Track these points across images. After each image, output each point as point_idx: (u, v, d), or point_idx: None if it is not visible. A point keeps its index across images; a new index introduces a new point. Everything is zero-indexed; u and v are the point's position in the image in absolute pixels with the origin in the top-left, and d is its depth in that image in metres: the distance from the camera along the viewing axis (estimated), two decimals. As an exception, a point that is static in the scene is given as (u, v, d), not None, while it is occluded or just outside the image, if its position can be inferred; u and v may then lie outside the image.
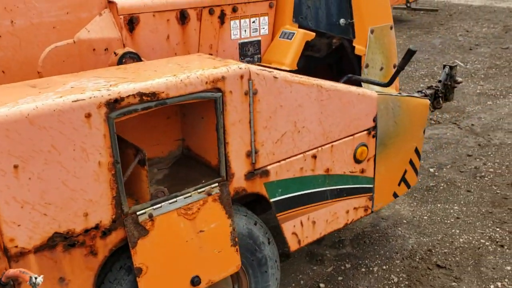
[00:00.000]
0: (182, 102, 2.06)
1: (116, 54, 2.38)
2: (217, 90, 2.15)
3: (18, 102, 1.71)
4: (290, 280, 3.42)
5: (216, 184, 2.26)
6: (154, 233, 2.08)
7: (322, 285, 3.35)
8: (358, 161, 2.90)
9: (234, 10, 2.78)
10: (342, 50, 3.30)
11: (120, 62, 2.37)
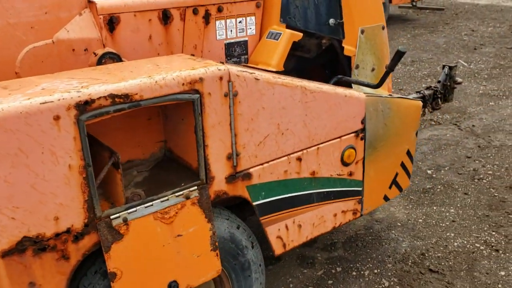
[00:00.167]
0: (158, 104, 2.02)
1: (95, 54, 2.35)
2: (195, 91, 2.11)
3: (-15, 104, 1.68)
4: (280, 283, 3.38)
5: (195, 187, 2.22)
6: (129, 237, 2.04)
7: (311, 289, 3.31)
8: (345, 163, 2.85)
9: (220, 10, 2.73)
10: (333, 50, 3.25)
11: (99, 62, 2.33)
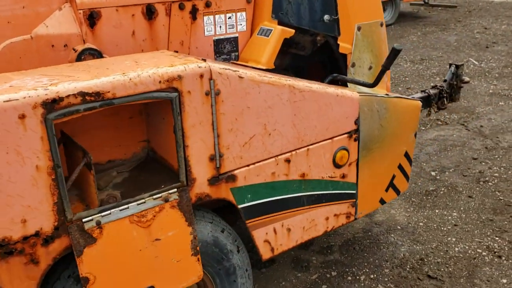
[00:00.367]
0: (133, 102, 1.93)
1: (75, 50, 2.27)
2: (173, 89, 2.02)
3: None
4: (272, 287, 3.28)
5: (174, 189, 2.14)
6: (103, 241, 1.96)
7: (304, 293, 3.21)
8: (338, 165, 2.74)
9: (208, 5, 2.63)
10: (328, 48, 3.13)
11: (79, 58, 2.25)
